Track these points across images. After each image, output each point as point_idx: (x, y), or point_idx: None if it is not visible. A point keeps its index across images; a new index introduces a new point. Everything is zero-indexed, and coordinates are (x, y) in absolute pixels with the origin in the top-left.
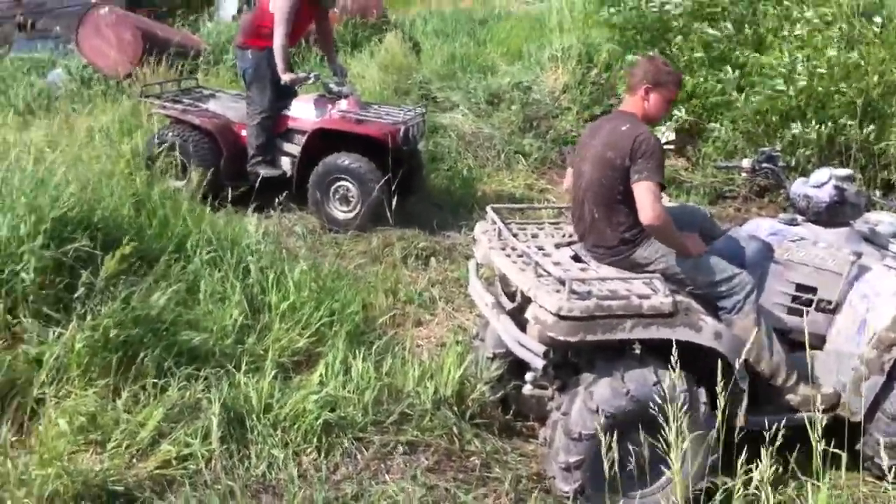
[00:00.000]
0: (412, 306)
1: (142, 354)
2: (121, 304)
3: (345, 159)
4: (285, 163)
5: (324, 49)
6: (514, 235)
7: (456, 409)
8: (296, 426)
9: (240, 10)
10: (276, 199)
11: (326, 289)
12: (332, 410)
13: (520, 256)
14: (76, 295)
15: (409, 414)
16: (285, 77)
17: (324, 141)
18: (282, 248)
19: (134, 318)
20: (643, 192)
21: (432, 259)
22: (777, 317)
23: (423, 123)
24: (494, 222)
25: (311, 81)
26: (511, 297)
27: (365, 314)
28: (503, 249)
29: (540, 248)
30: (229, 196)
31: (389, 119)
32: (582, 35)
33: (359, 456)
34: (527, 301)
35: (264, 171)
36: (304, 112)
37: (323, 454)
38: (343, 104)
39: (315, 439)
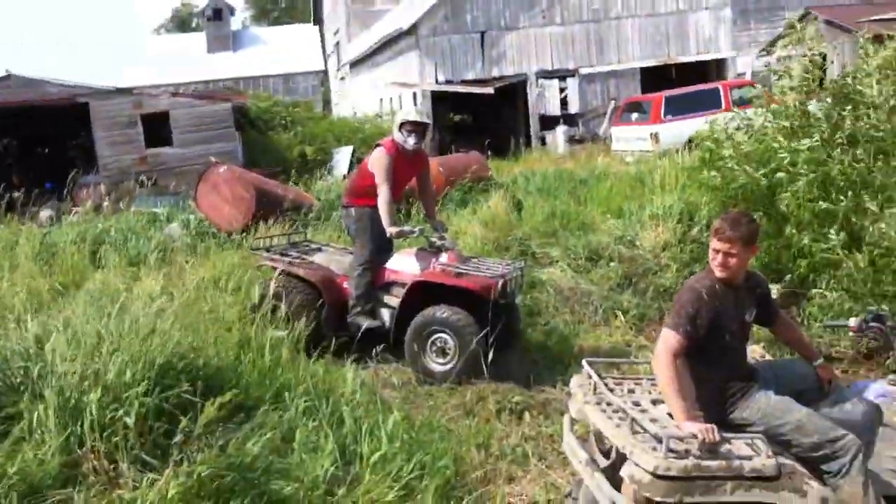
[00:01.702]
0: (504, 462)
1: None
2: (216, 451)
3: (443, 311)
4: (385, 314)
5: (424, 204)
6: (611, 390)
7: None
8: None
9: (350, 170)
10: (374, 350)
11: (418, 441)
12: None
13: (615, 412)
14: (174, 441)
15: None
16: (391, 230)
17: (424, 294)
18: (377, 399)
19: (228, 466)
20: (659, 338)
21: (526, 414)
22: (887, 483)
23: (521, 277)
24: (590, 376)
25: (415, 235)
26: (606, 454)
27: (456, 468)
28: (598, 404)
29: (636, 404)
30: (331, 347)
31: (488, 273)
32: (683, 194)
33: None
34: (622, 459)
35: (364, 322)
36: (405, 265)
37: None
38: (444, 258)
39: None
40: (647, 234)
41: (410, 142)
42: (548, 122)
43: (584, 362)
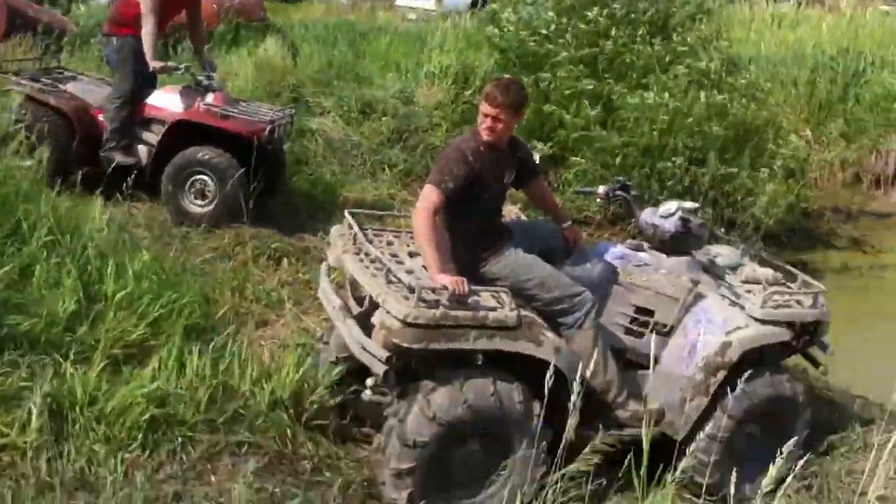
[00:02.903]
0: (258, 305)
1: None
2: None
3: (204, 153)
4: (142, 151)
5: (194, 41)
6: (370, 241)
7: (292, 411)
8: (121, 421)
9: None
10: (125, 186)
11: (168, 281)
12: (162, 406)
13: (373, 262)
14: None
15: (243, 414)
16: (154, 64)
17: (185, 133)
18: (126, 237)
19: None
20: (421, 193)
21: (284, 260)
22: (615, 336)
23: (289, 125)
24: (351, 226)
25: (180, 72)
26: (360, 301)
27: (208, 310)
28: (357, 254)
29: (394, 256)
30: (79, 180)
31: (255, 117)
32: (461, 56)
33: (185, 456)
34: (375, 306)
35: (119, 158)
36: (167, 102)
37: (148, 452)
38: (209, 98)
39: (140, 436)
40: (422, 92)
41: None
42: None
43: (346, 212)
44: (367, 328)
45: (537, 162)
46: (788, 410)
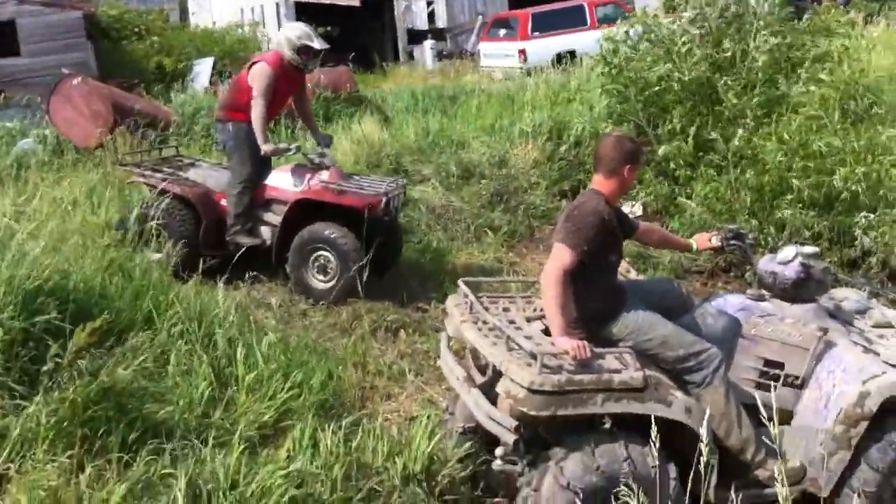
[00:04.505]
0: (381, 379)
1: (103, 429)
2: (88, 379)
3: (329, 230)
4: (265, 232)
5: (306, 122)
6: (486, 309)
7: (425, 485)
8: (263, 503)
9: (211, 82)
10: (248, 272)
11: (294, 361)
12: (300, 486)
13: (491, 330)
14: (44, 369)
15: (379, 490)
16: (265, 148)
17: (304, 211)
18: (250, 320)
19: (100, 392)
20: (551, 252)
21: (401, 331)
22: (745, 391)
23: (402, 195)
24: (466, 295)
25: (291, 153)
26: (482, 370)
27: (334, 387)
28: (475, 323)
29: (511, 322)
30: (200, 268)
31: (371, 190)
32: (552, 112)
33: None
34: (498, 375)
35: (244, 240)
36: (285, 182)
37: None
38: (325, 175)
39: None
40: (517, 152)
41: (311, 66)
42: (415, 37)
43: (459, 282)
44: (491, 397)
45: (640, 212)
46: None
